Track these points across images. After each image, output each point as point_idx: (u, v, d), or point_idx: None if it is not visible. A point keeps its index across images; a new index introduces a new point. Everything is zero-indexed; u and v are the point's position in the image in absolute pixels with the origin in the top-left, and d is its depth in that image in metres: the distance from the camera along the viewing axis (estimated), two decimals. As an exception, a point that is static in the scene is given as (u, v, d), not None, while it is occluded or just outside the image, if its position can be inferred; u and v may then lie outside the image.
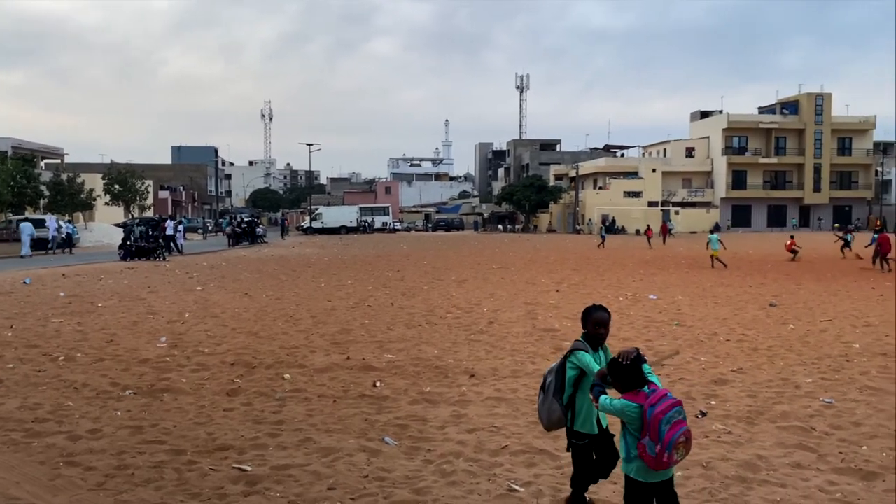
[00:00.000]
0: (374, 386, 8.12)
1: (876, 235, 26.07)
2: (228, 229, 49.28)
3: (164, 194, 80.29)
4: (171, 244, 34.55)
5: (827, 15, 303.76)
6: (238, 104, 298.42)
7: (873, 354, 9.81)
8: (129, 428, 6.60)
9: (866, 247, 27.16)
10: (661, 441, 3.63)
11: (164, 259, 30.70)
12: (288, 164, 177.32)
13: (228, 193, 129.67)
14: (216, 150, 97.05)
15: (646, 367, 3.92)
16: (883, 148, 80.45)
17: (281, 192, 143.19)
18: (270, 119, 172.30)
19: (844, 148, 75.86)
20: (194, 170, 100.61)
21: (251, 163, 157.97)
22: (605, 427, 4.57)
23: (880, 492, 5.07)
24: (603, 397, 3.93)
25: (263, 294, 17.42)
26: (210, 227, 65.58)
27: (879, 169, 75.86)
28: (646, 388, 3.82)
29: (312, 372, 8.84)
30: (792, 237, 31.91)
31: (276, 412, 7.11)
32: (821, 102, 73.72)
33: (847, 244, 30.74)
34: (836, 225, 65.79)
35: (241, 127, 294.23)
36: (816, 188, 74.24)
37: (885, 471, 5.45)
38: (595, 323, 4.44)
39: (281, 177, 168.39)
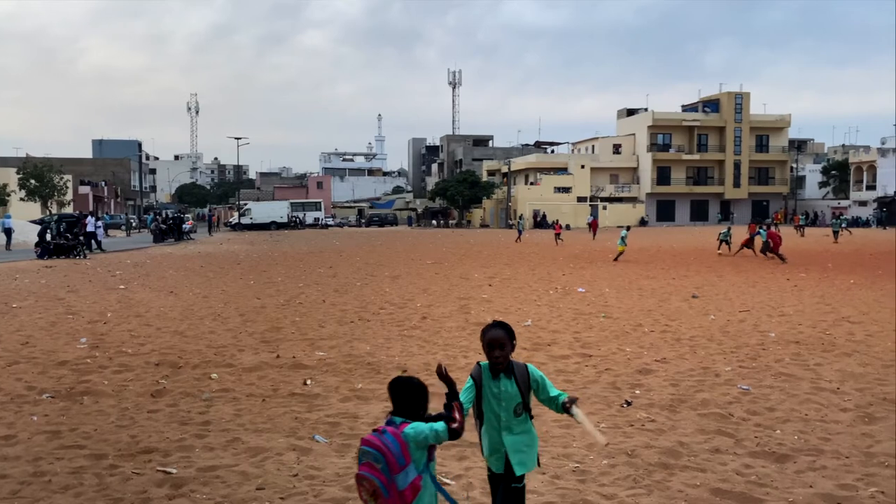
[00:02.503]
0: (305, 384, 8.03)
1: (764, 230, 27.68)
2: (153, 226, 47.73)
3: (84, 190, 77.08)
4: (92, 241, 33.28)
5: (748, 17, 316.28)
6: (163, 97, 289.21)
7: (787, 343, 10.29)
8: (46, 433, 6.33)
9: (744, 242, 29.19)
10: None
11: (85, 257, 29.55)
12: (215, 159, 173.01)
13: (153, 189, 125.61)
14: (140, 144, 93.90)
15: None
16: (797, 145, 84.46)
17: (208, 187, 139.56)
18: (197, 112, 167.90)
19: (762, 145, 79.15)
20: (117, 164, 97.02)
21: (177, 157, 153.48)
22: (517, 474, 3.68)
23: (792, 473, 5.34)
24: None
25: (190, 292, 16.97)
26: (134, 224, 63.36)
27: (794, 165, 79.55)
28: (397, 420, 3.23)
29: (241, 371, 8.68)
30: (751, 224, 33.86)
31: (203, 413, 6.95)
32: (740, 101, 76.67)
33: (725, 240, 31.32)
34: (734, 220, 68.43)
35: (167, 120, 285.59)
36: (736, 184, 77.21)
37: (797, 453, 5.74)
38: (487, 344, 3.63)
39: (208, 172, 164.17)
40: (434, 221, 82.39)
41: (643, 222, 71.87)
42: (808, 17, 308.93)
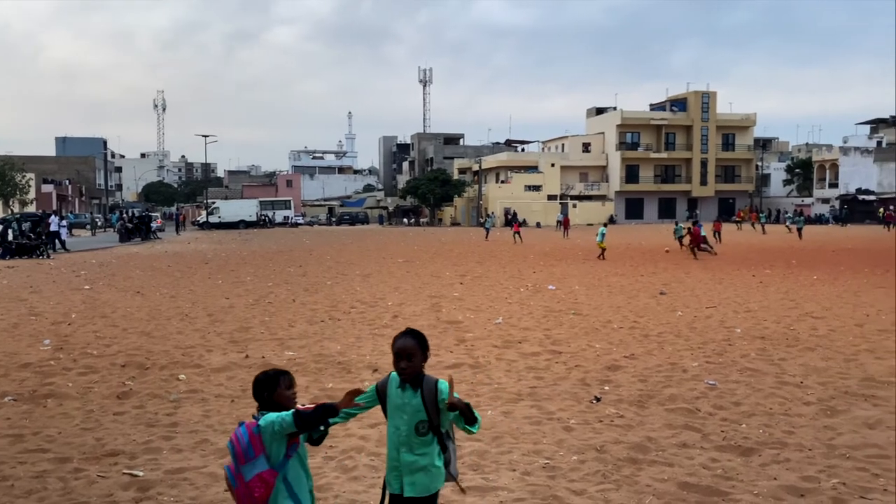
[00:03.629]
0: (275, 384, 7.95)
1: (689, 227, 28.72)
2: (119, 225, 46.91)
3: (47, 188, 75.47)
4: (56, 241, 32.63)
5: (713, 18, 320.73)
6: (129, 94, 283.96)
7: (753, 338, 10.47)
8: (9, 437, 6.20)
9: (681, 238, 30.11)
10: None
11: (48, 257, 28.97)
12: (183, 157, 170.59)
13: (119, 187, 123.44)
14: (105, 142, 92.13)
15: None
16: (763, 144, 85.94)
17: (175, 185, 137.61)
18: (164, 109, 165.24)
19: (728, 144, 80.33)
20: (81, 162, 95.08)
21: (143, 155, 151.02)
22: (405, 495, 3.41)
23: (757, 466, 5.44)
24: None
25: (157, 292, 16.73)
26: (99, 223, 62.20)
27: (759, 163, 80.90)
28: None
29: (209, 371, 8.58)
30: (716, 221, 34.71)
31: (171, 414, 6.86)
32: (707, 100, 77.71)
33: (681, 237, 31.93)
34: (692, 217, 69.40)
35: (133, 118, 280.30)
36: (703, 182, 78.27)
37: (762, 446, 5.85)
38: (394, 353, 3.41)
39: (175, 170, 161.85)
40: (405, 220, 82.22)
41: (611, 220, 72.53)
42: (771, 18, 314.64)
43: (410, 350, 3.36)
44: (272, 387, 3.24)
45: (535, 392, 7.56)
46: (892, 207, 56.96)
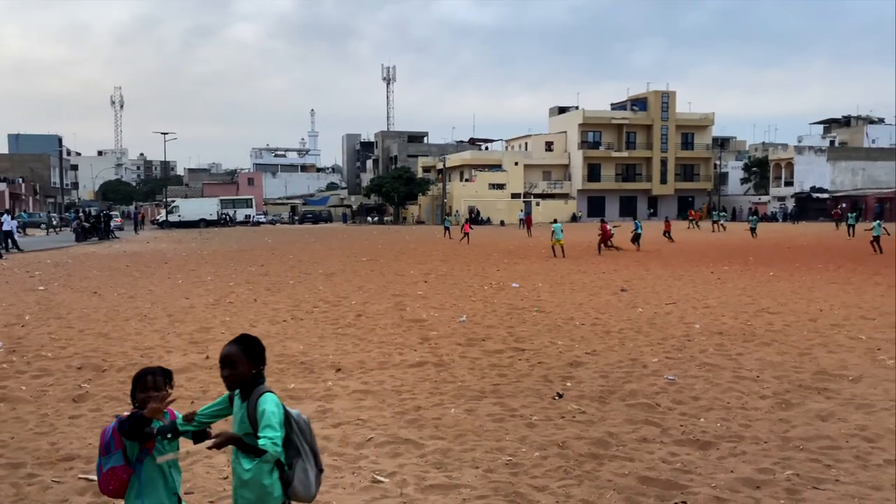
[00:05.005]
0: (236, 384, 7.86)
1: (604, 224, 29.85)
2: (75, 224, 45.83)
3: (0, 186, 73.40)
4: (8, 240, 31.75)
5: (673, 19, 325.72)
6: (85, 90, 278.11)
7: (711, 333, 10.68)
8: (-42, 443, 6.01)
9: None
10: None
11: (1, 257, 28.17)
12: (141, 155, 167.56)
13: (75, 186, 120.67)
14: (60, 140, 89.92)
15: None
16: (721, 143, 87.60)
17: (134, 183, 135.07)
18: (121, 106, 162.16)
19: (687, 143, 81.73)
20: (35, 160, 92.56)
21: (100, 153, 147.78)
22: None
23: (714, 459, 5.55)
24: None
25: (115, 292, 16.39)
26: (55, 222, 60.68)
27: (718, 162, 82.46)
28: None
29: (169, 373, 8.43)
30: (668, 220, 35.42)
31: (129, 417, 6.72)
32: (667, 100, 78.93)
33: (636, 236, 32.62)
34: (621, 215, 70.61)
35: (89, 115, 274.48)
36: (663, 180, 79.53)
37: (719, 440, 5.96)
38: (219, 362, 3.27)
39: (134, 168, 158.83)
40: (370, 218, 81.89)
41: (575, 218, 73.23)
42: (729, 20, 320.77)
43: (232, 357, 3.21)
44: (134, 387, 3.31)
45: (498, 389, 7.60)
46: (842, 206, 58.55)
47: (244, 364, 3.22)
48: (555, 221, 29.71)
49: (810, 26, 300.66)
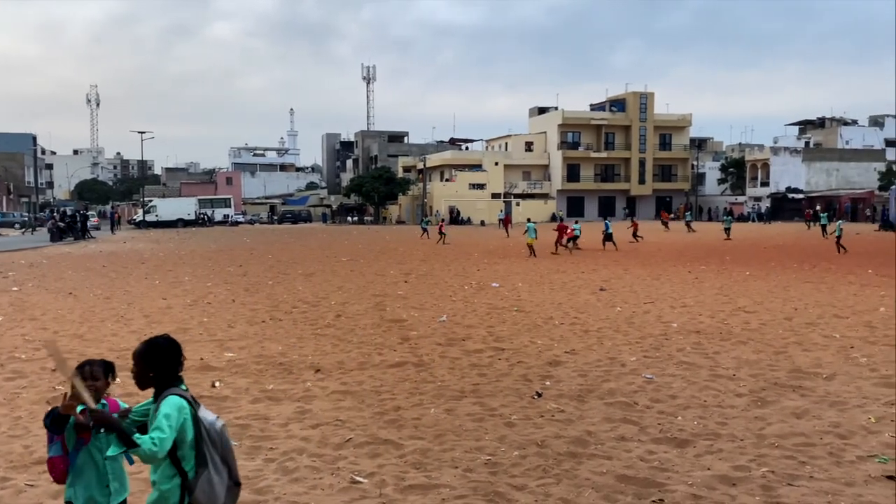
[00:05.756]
0: (213, 386, 7.81)
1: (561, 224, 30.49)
2: (50, 223, 45.16)
3: (-29, 186, 72.17)
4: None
5: (651, 20, 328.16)
6: (60, 88, 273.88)
7: (688, 332, 10.78)
8: (-72, 447, 5.91)
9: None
10: None
11: (-27, 258, 27.69)
12: (118, 154, 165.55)
13: (50, 185, 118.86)
14: (34, 138, 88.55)
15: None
16: (698, 144, 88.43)
17: (110, 183, 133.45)
18: (97, 105, 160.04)
19: (665, 143, 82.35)
20: (9, 159, 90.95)
21: (76, 152, 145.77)
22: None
23: (692, 457, 5.60)
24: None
25: (91, 293, 16.19)
26: (30, 222, 59.72)
27: (695, 163, 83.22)
28: None
29: (146, 374, 8.34)
30: (634, 221, 35.37)
31: (104, 419, 6.65)
32: (645, 101, 79.49)
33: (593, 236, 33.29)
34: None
35: (64, 113, 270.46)
36: (641, 181, 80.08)
37: (696, 438, 6.03)
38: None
39: (110, 167, 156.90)
40: (350, 218, 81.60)
41: (554, 218, 73.53)
42: (707, 22, 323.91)
43: (133, 358, 3.27)
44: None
45: (477, 389, 7.62)
46: (818, 207, 59.37)
47: (140, 366, 3.23)
48: (529, 221, 30.18)
49: (786, 28, 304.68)
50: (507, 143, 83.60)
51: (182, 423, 3.10)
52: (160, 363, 3.21)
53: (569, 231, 30.79)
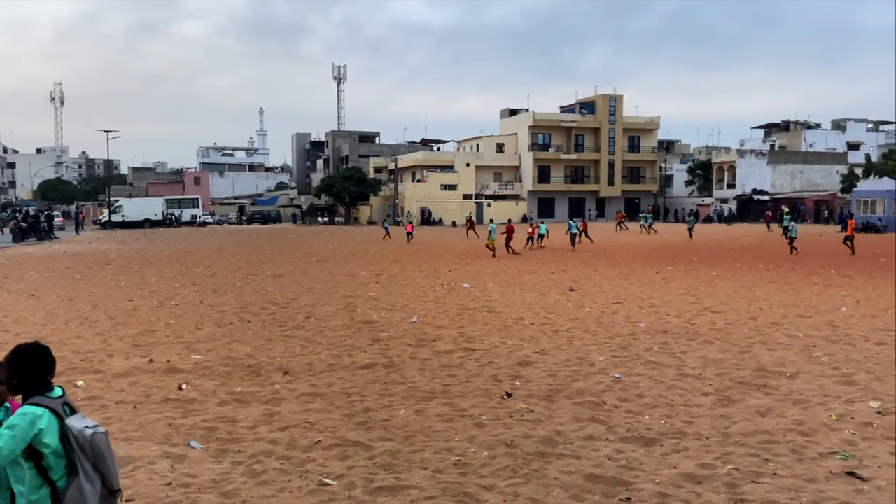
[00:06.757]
0: (180, 389, 7.71)
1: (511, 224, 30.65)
2: (12, 224, 44.16)
3: (-71, 185, 70.25)
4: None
5: (621, 23, 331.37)
6: (23, 85, 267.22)
7: (656, 332, 10.90)
8: None
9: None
10: None
11: (-69, 258, 26.98)
12: (83, 153, 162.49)
13: (12, 184, 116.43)
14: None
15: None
16: (666, 146, 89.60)
17: (75, 182, 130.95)
18: (62, 103, 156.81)
19: (634, 145, 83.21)
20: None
21: (39, 150, 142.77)
22: None
23: (658, 455, 5.66)
24: None
25: (54, 295, 15.87)
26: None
27: (663, 165, 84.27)
28: None
29: (110, 377, 8.21)
30: (584, 221, 35.85)
31: (67, 423, 6.52)
32: (614, 103, 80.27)
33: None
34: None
35: (27, 111, 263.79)
36: (610, 182, 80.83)
37: (663, 436, 6.10)
38: None
39: (75, 166, 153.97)
40: (320, 218, 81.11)
41: (525, 219, 73.89)
42: (675, 25, 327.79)
43: (1, 367, 3.23)
44: None
45: (448, 390, 7.62)
46: (784, 208, 60.47)
47: (7, 372, 3.17)
48: (491, 222, 30.98)
49: (753, 32, 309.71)
50: (478, 145, 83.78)
51: (36, 434, 2.99)
52: (25, 370, 3.12)
53: (531, 230, 32.30)
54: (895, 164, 60.56)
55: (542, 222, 35.16)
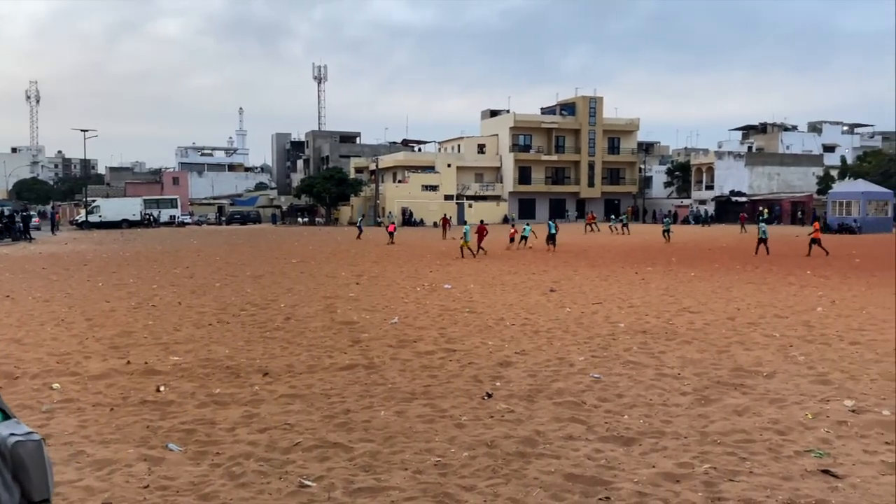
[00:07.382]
0: (158, 391, 7.64)
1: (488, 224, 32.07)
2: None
3: None
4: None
5: (602, 25, 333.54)
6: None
7: (635, 332, 10.98)
8: None
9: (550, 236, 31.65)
10: None
11: None
12: (60, 152, 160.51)
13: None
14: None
15: None
16: (645, 147, 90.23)
17: (52, 182, 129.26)
18: (38, 101, 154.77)
19: (614, 147, 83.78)
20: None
21: (14, 150, 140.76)
22: None
23: (637, 455, 5.71)
24: None
25: (29, 296, 15.65)
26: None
27: (643, 166, 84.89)
28: None
29: (86, 379, 8.12)
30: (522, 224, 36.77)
31: (43, 426, 6.44)
32: (594, 105, 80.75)
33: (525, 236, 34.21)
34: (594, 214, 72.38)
35: (1, 110, 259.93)
36: (591, 183, 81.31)
37: (642, 436, 6.14)
38: None
39: (51, 166, 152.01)
40: (300, 219, 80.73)
41: (506, 220, 74.06)
42: (656, 28, 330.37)
43: None
44: None
45: (428, 391, 7.62)
46: (761, 208, 61.16)
47: None
48: (465, 223, 31.26)
49: (732, 35, 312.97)
50: (459, 145, 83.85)
51: None
52: None
53: (513, 231, 33.64)
54: (870, 167, 61.55)
55: (527, 224, 35.30)
